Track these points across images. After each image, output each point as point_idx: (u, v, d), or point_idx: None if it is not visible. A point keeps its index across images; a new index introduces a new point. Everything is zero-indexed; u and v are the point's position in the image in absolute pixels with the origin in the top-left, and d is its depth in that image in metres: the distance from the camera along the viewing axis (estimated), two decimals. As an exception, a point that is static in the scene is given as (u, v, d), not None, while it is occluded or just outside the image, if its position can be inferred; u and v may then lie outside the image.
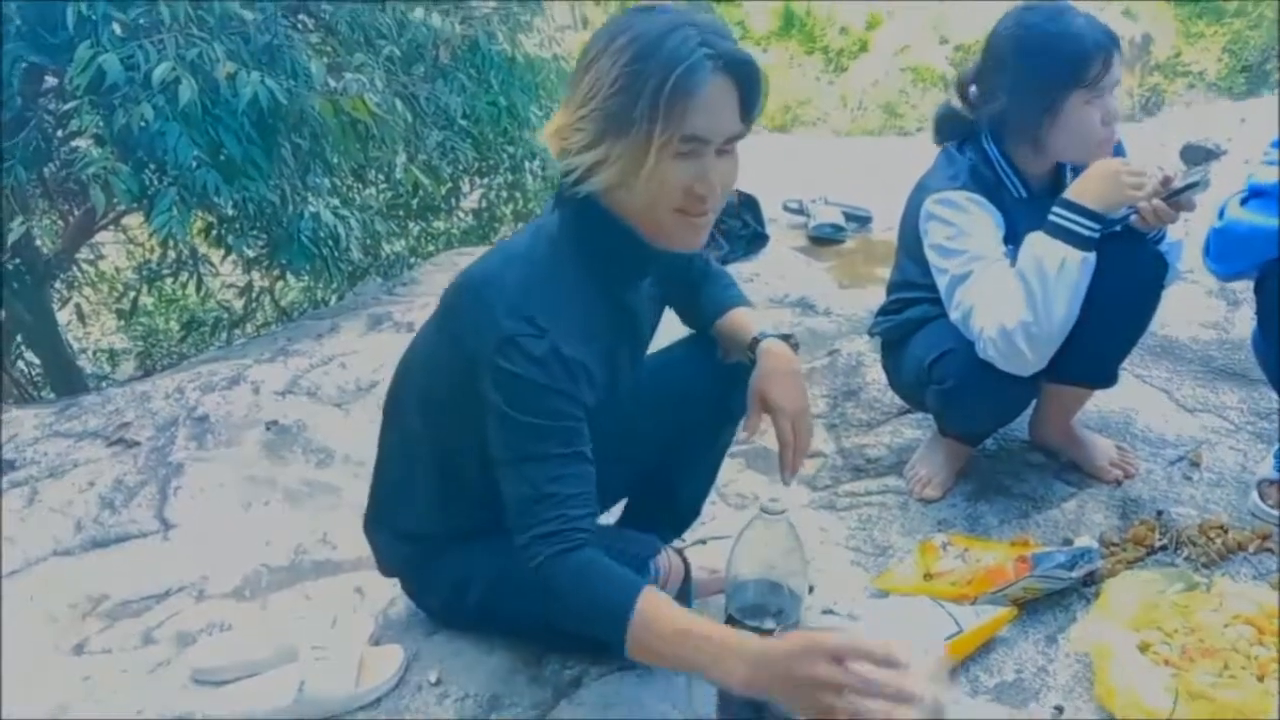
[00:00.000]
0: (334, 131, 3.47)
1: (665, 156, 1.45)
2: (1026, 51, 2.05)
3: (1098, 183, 1.95)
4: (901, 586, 1.99)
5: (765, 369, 1.74)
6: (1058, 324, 1.94)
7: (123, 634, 2.03)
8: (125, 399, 2.99)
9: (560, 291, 1.53)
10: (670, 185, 1.48)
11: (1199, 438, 2.44)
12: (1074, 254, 1.93)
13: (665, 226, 1.53)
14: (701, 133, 1.46)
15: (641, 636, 1.42)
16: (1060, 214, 1.95)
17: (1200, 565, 1.99)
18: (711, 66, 1.44)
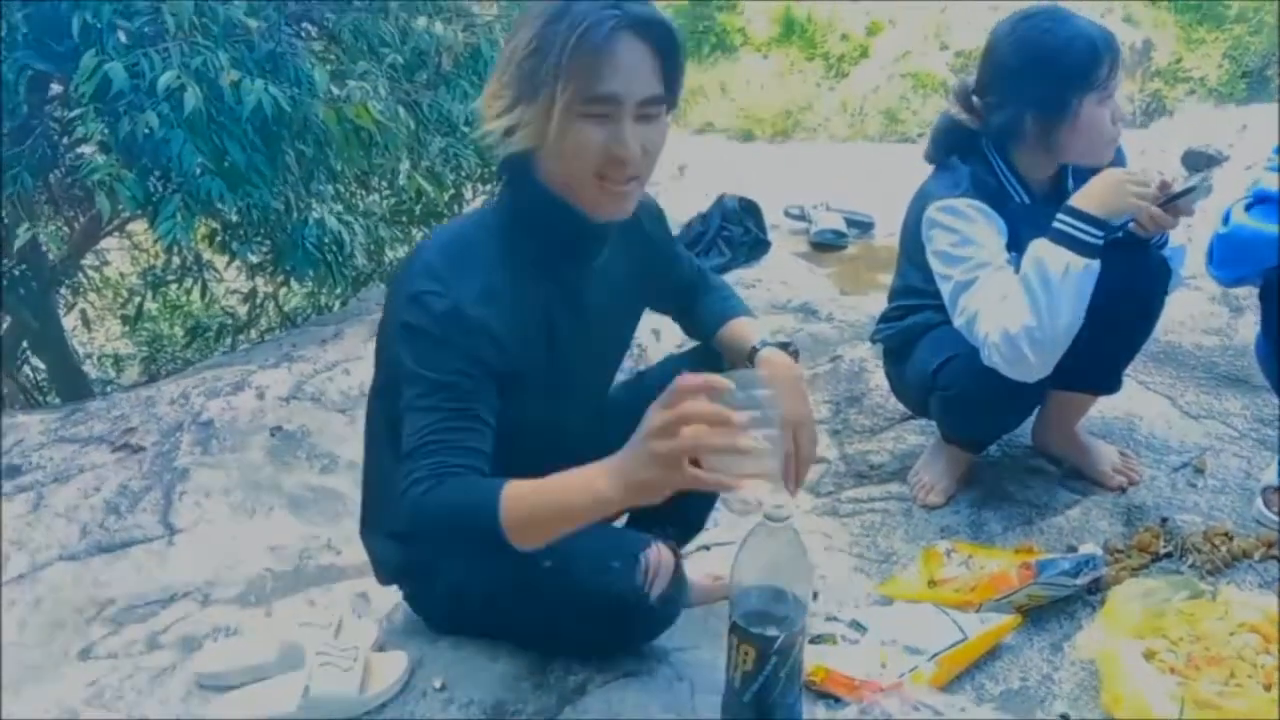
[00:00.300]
0: (337, 139, 3.47)
1: (572, 117, 1.45)
2: (1038, 59, 2.05)
3: (1102, 190, 1.96)
4: (906, 593, 2.00)
5: (765, 380, 1.73)
6: (1062, 330, 1.94)
7: (128, 639, 2.04)
8: (130, 404, 3.00)
9: (479, 255, 1.55)
10: (585, 148, 1.48)
11: (1203, 444, 2.44)
12: (1078, 260, 1.93)
13: (589, 193, 1.54)
14: (609, 92, 1.45)
15: (514, 513, 1.43)
16: (1065, 220, 1.95)
17: (1205, 573, 1.99)
18: (615, 24, 1.44)
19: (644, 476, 1.36)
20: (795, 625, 1.53)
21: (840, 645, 1.78)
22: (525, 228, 1.58)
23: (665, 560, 1.68)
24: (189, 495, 2.49)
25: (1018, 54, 2.09)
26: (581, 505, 1.42)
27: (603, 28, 1.43)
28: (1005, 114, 2.11)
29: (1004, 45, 2.11)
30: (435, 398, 1.51)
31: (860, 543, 2.24)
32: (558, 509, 1.43)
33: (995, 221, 2.08)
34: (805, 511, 2.35)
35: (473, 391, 1.52)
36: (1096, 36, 2.03)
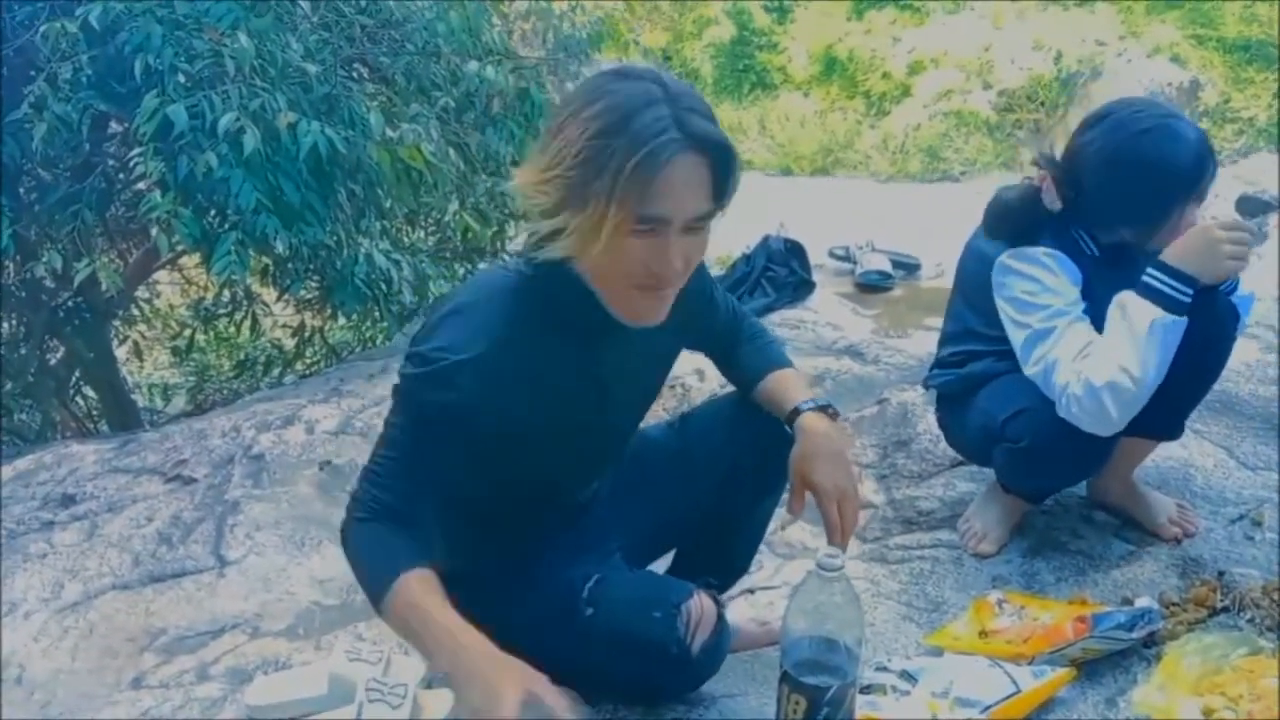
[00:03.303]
0: (389, 178, 3.53)
1: (620, 235, 1.42)
2: (1146, 181, 2.01)
3: (1197, 248, 1.92)
4: (956, 644, 1.97)
5: (806, 450, 1.71)
6: (1146, 386, 1.91)
7: (179, 669, 2.06)
8: (183, 436, 3.04)
9: (493, 320, 1.52)
10: (628, 261, 1.45)
11: (1260, 496, 2.40)
12: (1165, 316, 1.90)
13: (623, 298, 1.52)
14: (661, 214, 1.42)
15: (394, 602, 1.48)
16: (1155, 275, 1.93)
17: (1265, 629, 1.95)
18: (678, 148, 1.40)
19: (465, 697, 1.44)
20: (848, 676, 1.52)
21: (890, 696, 1.76)
22: (557, 312, 1.55)
23: (708, 610, 1.68)
24: (240, 527, 2.52)
25: (1125, 178, 2.03)
26: (426, 648, 1.49)
27: (665, 153, 1.40)
28: (1099, 215, 2.08)
29: (1108, 163, 2.04)
30: (412, 432, 1.52)
31: (909, 591, 2.21)
32: (419, 637, 1.49)
33: (1072, 271, 2.06)
34: (852, 557, 2.33)
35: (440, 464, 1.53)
36: (1199, 147, 2.00)
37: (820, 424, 1.73)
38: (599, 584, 1.69)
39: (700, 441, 1.91)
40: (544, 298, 1.55)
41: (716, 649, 1.69)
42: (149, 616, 2.22)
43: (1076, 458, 2.09)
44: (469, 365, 1.48)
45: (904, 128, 9.36)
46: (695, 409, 2.07)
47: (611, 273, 1.48)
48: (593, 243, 1.42)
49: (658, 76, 1.47)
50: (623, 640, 1.65)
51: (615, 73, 1.49)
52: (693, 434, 1.95)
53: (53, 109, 3.12)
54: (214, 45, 3.14)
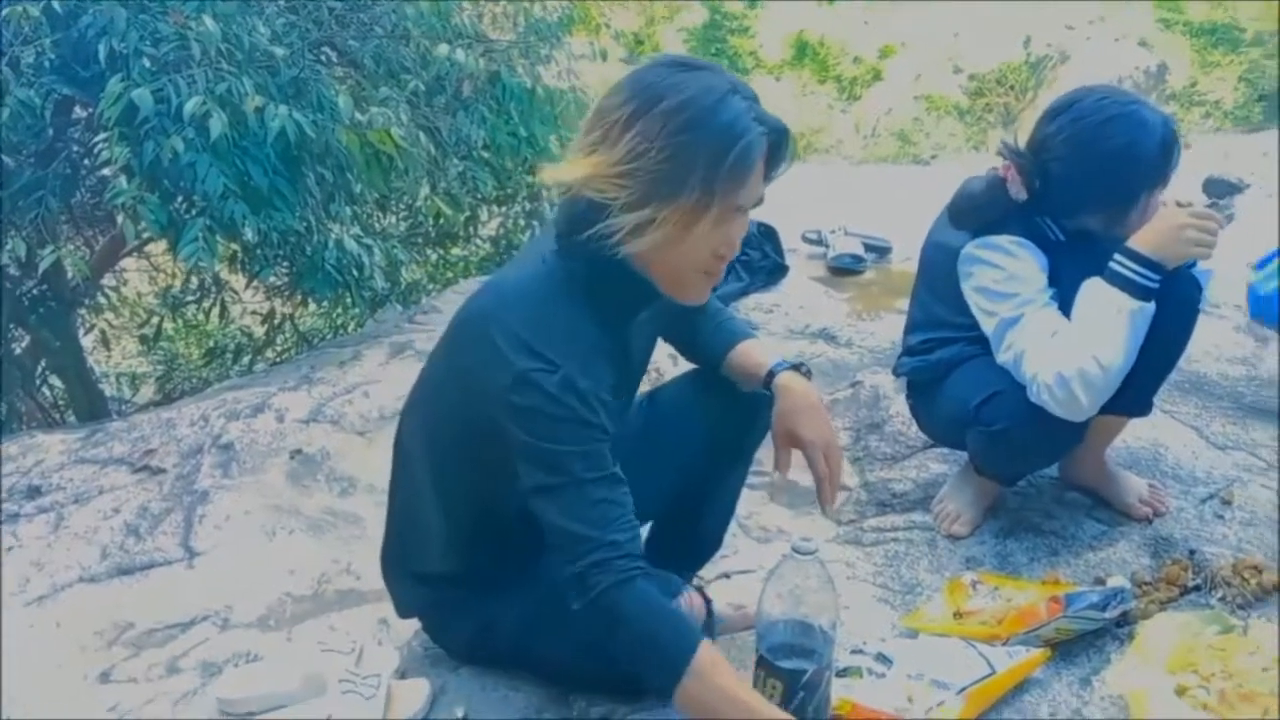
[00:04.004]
0: (359, 163, 3.50)
1: (710, 222, 1.48)
2: (1111, 169, 2.04)
3: (1163, 234, 1.93)
4: (931, 625, 1.98)
5: (788, 406, 1.74)
6: (1115, 373, 1.93)
7: (148, 663, 2.03)
8: (151, 425, 3.00)
9: (567, 326, 1.54)
10: (702, 248, 1.52)
11: (1230, 475, 2.42)
12: (1132, 303, 1.92)
13: (685, 282, 1.58)
14: (744, 203, 1.51)
15: (693, 687, 1.46)
16: (1122, 263, 1.94)
17: (1236, 606, 1.96)
18: (764, 140, 1.49)
19: None
20: (823, 659, 1.53)
21: (866, 679, 1.76)
22: (600, 295, 1.57)
23: (698, 607, 1.69)
24: (209, 518, 2.49)
25: (1090, 164, 2.05)
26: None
27: (758, 150, 1.48)
28: (1065, 204, 2.09)
29: (1075, 149, 2.06)
30: (574, 469, 1.50)
31: (884, 573, 2.22)
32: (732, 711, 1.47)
33: (1039, 258, 2.07)
34: (827, 540, 2.33)
35: (603, 454, 1.53)
36: (1164, 133, 2.02)
37: (797, 382, 1.76)
38: None
39: (668, 419, 1.92)
40: (589, 281, 1.56)
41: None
42: (117, 610, 2.19)
43: (1050, 440, 2.10)
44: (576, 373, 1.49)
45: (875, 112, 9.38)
46: (661, 386, 2.07)
47: (679, 260, 1.54)
48: (688, 233, 1.48)
49: (716, 67, 1.54)
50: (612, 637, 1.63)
51: (675, 64, 1.52)
52: (660, 412, 1.95)
53: (15, 94, 3.06)
54: (179, 29, 3.09)
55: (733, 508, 2.07)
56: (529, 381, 1.48)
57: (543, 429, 1.49)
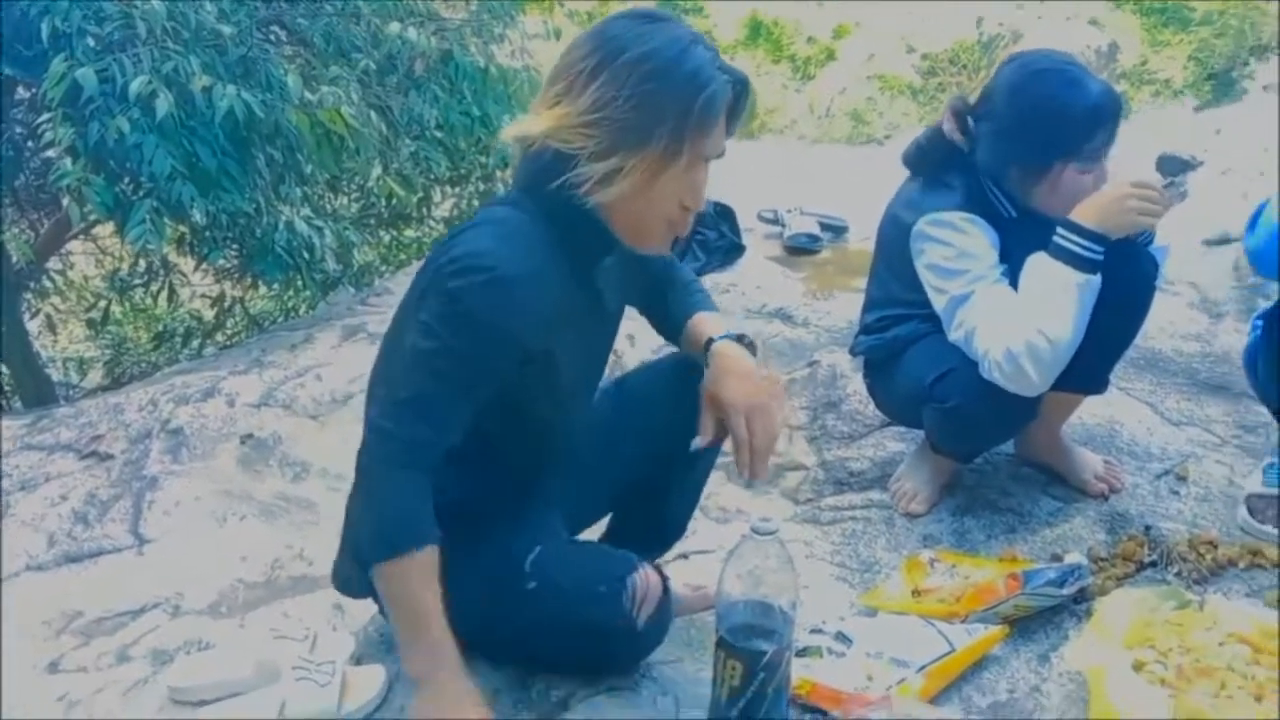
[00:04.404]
0: (309, 143, 3.43)
1: (678, 172, 1.50)
2: (1033, 120, 2.04)
3: (1105, 205, 1.94)
4: (889, 604, 1.98)
5: (714, 370, 1.72)
6: (1063, 347, 1.93)
7: (97, 651, 1.98)
8: (98, 411, 2.94)
9: (525, 241, 1.53)
10: (669, 198, 1.53)
11: (1185, 451, 2.44)
12: (1079, 276, 1.92)
13: (649, 233, 1.58)
14: (710, 152, 1.53)
15: (393, 572, 1.52)
16: (1065, 235, 1.94)
17: (1192, 582, 1.98)
18: (728, 88, 1.50)
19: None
20: (783, 639, 1.52)
21: (826, 658, 1.76)
22: (567, 241, 1.57)
23: (653, 584, 1.66)
24: (159, 504, 2.43)
25: (1016, 108, 2.06)
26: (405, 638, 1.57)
27: (723, 98, 1.50)
28: (992, 157, 2.10)
29: (1006, 93, 2.08)
30: (457, 350, 1.50)
31: (841, 551, 2.22)
32: (403, 623, 1.56)
33: (989, 234, 2.07)
34: (785, 519, 2.33)
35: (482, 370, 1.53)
36: (1098, 106, 2.01)
37: (730, 349, 1.73)
38: (541, 556, 1.67)
39: (637, 405, 1.90)
40: (558, 230, 1.56)
41: (662, 622, 1.68)
42: (65, 598, 2.13)
43: (1004, 416, 2.11)
44: (517, 280, 1.48)
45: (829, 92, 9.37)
46: (631, 373, 2.06)
47: (645, 210, 1.55)
48: (655, 181, 1.50)
49: (677, 19, 1.57)
50: (567, 615, 1.63)
51: (639, 16, 1.54)
52: (629, 398, 1.93)
53: (-45, 76, 2.99)
54: (124, 7, 3.02)
55: (698, 496, 2.05)
56: (465, 270, 1.48)
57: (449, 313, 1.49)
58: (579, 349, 1.67)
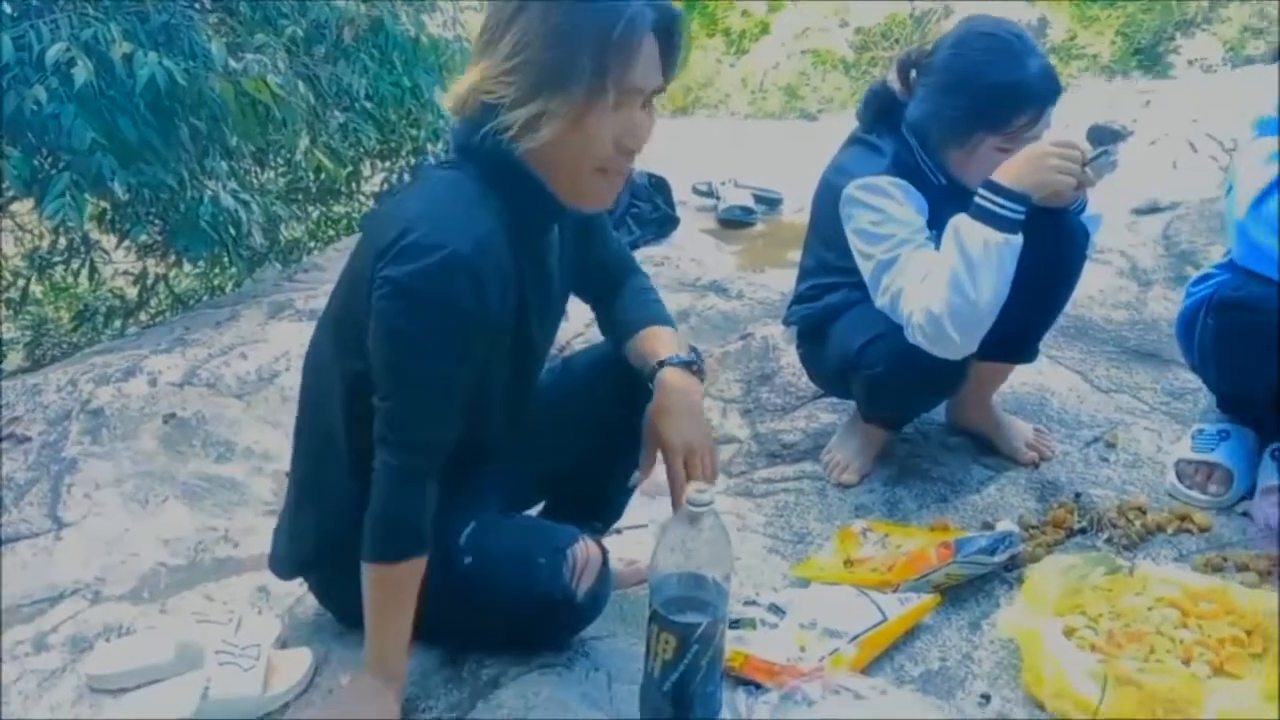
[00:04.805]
0: (234, 113, 3.35)
1: (605, 110, 1.44)
2: (961, 85, 2.04)
3: (1024, 164, 1.94)
4: (822, 574, 1.98)
5: (660, 405, 1.67)
6: (985, 308, 1.93)
7: (13, 639, 1.92)
8: (15, 392, 2.84)
9: (466, 209, 1.49)
10: (601, 140, 1.47)
11: (1114, 419, 2.47)
12: (999, 236, 1.91)
13: (583, 184, 1.53)
14: (639, 84, 1.46)
15: (381, 576, 1.53)
16: (985, 195, 1.94)
17: (1121, 547, 2.00)
18: (650, 17, 1.45)
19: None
20: (717, 612, 1.50)
21: (759, 630, 1.75)
22: (510, 206, 1.53)
23: (593, 555, 1.64)
24: (78, 487, 2.37)
25: (949, 70, 2.06)
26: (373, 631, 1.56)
27: (643, 22, 1.44)
28: (921, 112, 2.10)
29: (947, 51, 2.08)
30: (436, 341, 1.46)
31: (774, 523, 2.21)
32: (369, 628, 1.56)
33: (916, 199, 2.06)
34: (718, 492, 2.30)
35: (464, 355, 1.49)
36: (1028, 86, 2.00)
37: (679, 380, 1.68)
38: (476, 532, 1.64)
39: (583, 386, 1.87)
40: (499, 192, 1.51)
41: (601, 594, 1.67)
42: (-20, 584, 2.07)
43: (929, 382, 2.11)
44: (470, 253, 1.43)
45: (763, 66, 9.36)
46: (576, 354, 2.02)
47: (578, 155, 1.49)
48: (582, 120, 1.44)
49: None
50: (505, 589, 1.61)
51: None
52: (575, 378, 1.90)
53: None
54: (41, -30, 2.93)
55: (629, 476, 2.02)
56: (405, 252, 1.42)
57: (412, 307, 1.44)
58: (528, 324, 1.63)
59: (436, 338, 1.46)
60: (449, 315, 1.45)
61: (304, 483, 1.74)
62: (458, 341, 1.47)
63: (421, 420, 1.50)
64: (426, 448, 1.51)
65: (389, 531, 1.52)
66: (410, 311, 1.45)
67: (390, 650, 1.57)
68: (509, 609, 1.63)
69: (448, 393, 1.50)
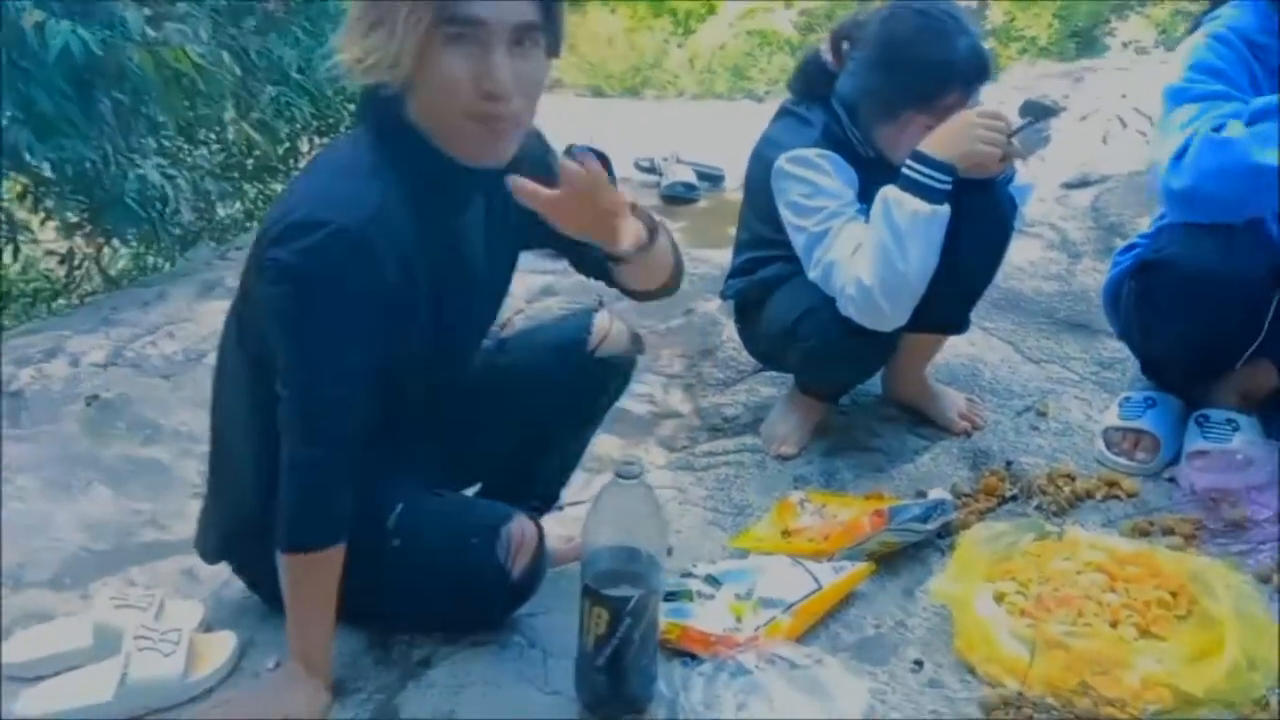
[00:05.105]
0: (157, 86, 3.26)
1: (434, 44, 1.34)
2: (891, 61, 2.03)
3: (950, 134, 1.94)
4: (760, 545, 1.97)
5: None
6: (914, 279, 1.93)
7: (-71, 631, 1.86)
8: (-68, 376, 2.76)
9: (363, 180, 1.42)
10: (452, 80, 1.36)
11: (1045, 388, 2.49)
12: (926, 207, 1.92)
13: (459, 133, 1.42)
14: (472, 14, 1.34)
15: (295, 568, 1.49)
16: (912, 166, 1.94)
17: (1051, 514, 2.02)
18: None
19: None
20: (650, 584, 1.49)
21: (695, 601, 1.74)
22: (395, 168, 1.45)
23: (529, 534, 1.61)
24: (-4, 472, 2.30)
25: (880, 45, 2.05)
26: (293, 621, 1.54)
27: None
28: (851, 86, 2.09)
29: (879, 26, 2.06)
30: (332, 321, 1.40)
31: (715, 496, 2.20)
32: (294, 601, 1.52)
33: (846, 172, 2.06)
34: (659, 467, 2.31)
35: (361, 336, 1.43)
36: (957, 64, 2.00)
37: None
38: (406, 513, 1.60)
39: (519, 372, 1.82)
40: (393, 161, 1.44)
41: (537, 573, 1.64)
42: (-106, 574, 2.00)
43: (862, 353, 2.12)
44: (352, 234, 1.36)
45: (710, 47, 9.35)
46: (513, 336, 1.96)
47: (442, 103, 1.38)
48: (400, 53, 1.33)
49: None
50: (437, 570, 1.58)
51: None
52: (510, 363, 1.84)
53: None
54: (-56, -65, 2.83)
55: (574, 466, 2.01)
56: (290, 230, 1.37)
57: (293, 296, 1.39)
58: (444, 303, 1.56)
59: (327, 320, 1.40)
60: (338, 295, 1.38)
61: (217, 466, 1.71)
62: (350, 322, 1.41)
63: (323, 409, 1.44)
64: (331, 438, 1.45)
65: (300, 523, 1.48)
66: (297, 294, 1.39)
67: (312, 638, 1.54)
68: (441, 590, 1.61)
69: (347, 377, 1.44)
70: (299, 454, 1.45)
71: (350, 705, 1.58)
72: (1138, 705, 1.50)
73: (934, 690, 1.59)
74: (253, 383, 1.53)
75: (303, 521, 1.47)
